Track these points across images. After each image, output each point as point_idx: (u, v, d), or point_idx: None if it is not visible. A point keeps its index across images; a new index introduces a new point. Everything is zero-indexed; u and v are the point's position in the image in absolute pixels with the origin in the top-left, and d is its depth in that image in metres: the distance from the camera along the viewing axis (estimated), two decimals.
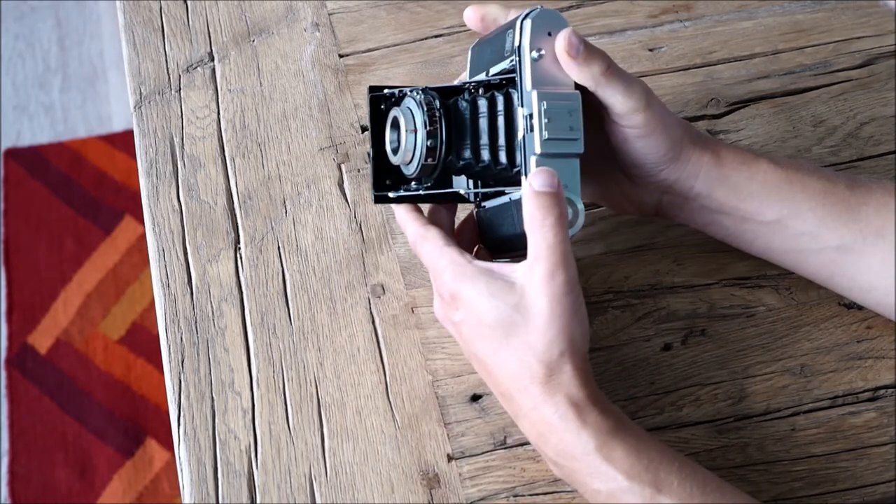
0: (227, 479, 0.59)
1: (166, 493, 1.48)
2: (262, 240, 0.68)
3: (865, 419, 0.60)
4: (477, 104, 0.59)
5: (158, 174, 0.72)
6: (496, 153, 0.58)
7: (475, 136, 0.59)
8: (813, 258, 0.61)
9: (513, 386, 0.54)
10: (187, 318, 0.65)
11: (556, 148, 0.55)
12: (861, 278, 0.60)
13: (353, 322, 0.65)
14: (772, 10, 0.79)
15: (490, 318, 0.53)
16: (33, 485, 1.50)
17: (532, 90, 0.55)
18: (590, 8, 0.80)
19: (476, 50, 0.62)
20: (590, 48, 0.56)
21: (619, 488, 0.51)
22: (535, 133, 0.55)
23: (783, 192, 0.59)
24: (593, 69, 0.56)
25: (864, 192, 0.59)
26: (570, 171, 0.56)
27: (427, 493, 0.58)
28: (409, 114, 0.59)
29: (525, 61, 0.56)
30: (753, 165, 0.60)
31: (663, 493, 0.50)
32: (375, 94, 0.61)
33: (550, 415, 0.52)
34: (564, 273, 0.52)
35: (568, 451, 0.52)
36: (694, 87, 0.75)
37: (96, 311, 1.65)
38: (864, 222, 0.58)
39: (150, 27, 0.80)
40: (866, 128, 0.73)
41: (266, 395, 0.62)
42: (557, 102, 0.55)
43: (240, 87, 0.76)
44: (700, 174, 0.59)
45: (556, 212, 0.53)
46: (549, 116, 0.55)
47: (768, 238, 0.61)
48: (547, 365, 0.52)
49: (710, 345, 0.63)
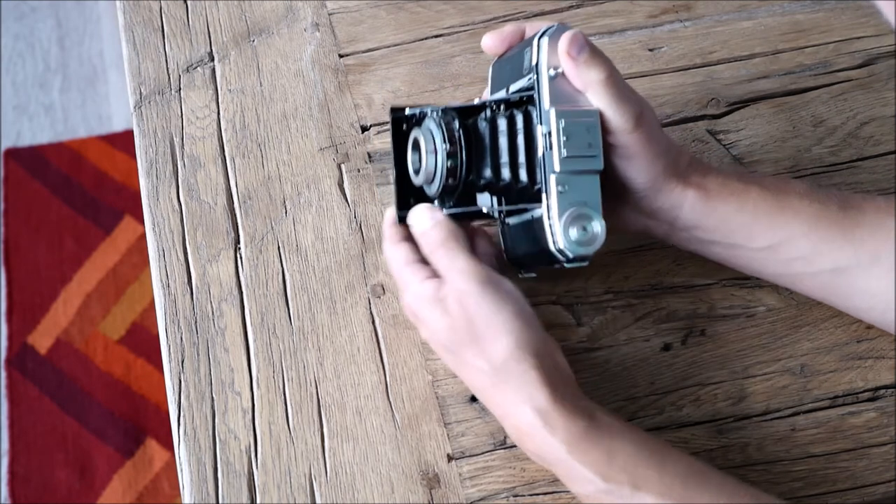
0: (227, 479, 0.59)
1: (166, 493, 1.48)
2: (262, 240, 0.68)
3: (865, 419, 0.60)
4: (496, 123, 0.59)
5: (158, 174, 0.72)
6: (517, 171, 0.58)
7: (495, 155, 0.59)
8: (808, 280, 0.61)
9: (481, 394, 0.56)
10: (187, 318, 0.65)
11: (575, 165, 0.56)
12: (858, 298, 0.60)
13: (353, 322, 0.65)
14: (772, 10, 0.79)
15: (442, 337, 0.56)
16: (33, 485, 1.50)
17: (550, 108, 0.56)
18: (590, 8, 0.80)
19: (496, 67, 0.63)
20: (595, 55, 0.55)
21: (596, 490, 0.51)
22: (554, 151, 0.55)
23: (774, 221, 0.58)
24: (591, 75, 0.55)
25: (856, 213, 0.58)
26: (590, 187, 0.56)
27: (427, 493, 0.58)
28: (430, 134, 0.59)
29: (543, 79, 0.56)
30: (743, 196, 0.59)
31: (642, 490, 0.50)
32: (397, 114, 0.61)
33: (520, 422, 0.53)
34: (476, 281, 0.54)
35: (544, 456, 0.53)
36: (694, 87, 0.75)
37: (96, 311, 1.65)
38: (858, 245, 0.57)
39: (150, 27, 0.80)
40: (866, 128, 0.73)
41: (266, 395, 0.62)
42: (576, 120, 0.56)
43: (240, 87, 0.76)
44: (684, 205, 0.59)
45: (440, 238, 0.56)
46: (567, 134, 0.55)
47: (761, 263, 0.61)
48: (497, 370, 0.53)
49: (710, 345, 0.64)
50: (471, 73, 0.76)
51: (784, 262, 0.60)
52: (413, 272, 0.58)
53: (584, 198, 0.56)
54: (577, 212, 0.56)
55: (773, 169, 0.70)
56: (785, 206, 0.58)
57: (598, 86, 0.55)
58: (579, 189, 0.56)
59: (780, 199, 0.58)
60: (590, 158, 0.56)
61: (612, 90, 0.56)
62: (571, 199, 0.56)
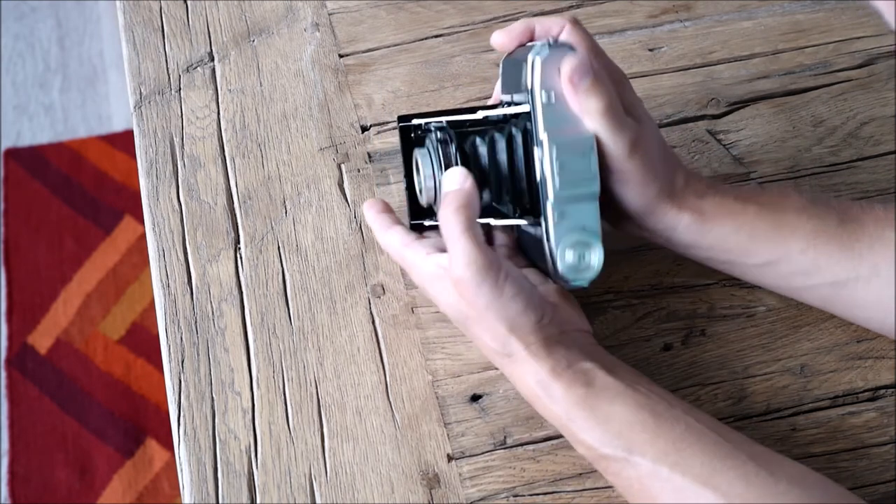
0: (227, 479, 0.59)
1: (166, 493, 1.48)
2: (262, 240, 0.68)
3: (865, 419, 0.60)
4: (495, 145, 0.58)
5: (158, 174, 0.72)
6: (519, 192, 0.58)
7: (496, 175, 0.59)
8: (807, 293, 0.61)
9: (493, 362, 0.59)
10: (187, 318, 0.65)
11: (571, 191, 0.55)
12: (857, 310, 0.60)
13: (353, 322, 0.65)
14: (772, 10, 0.79)
15: (452, 311, 0.58)
16: (33, 485, 1.50)
17: (544, 134, 0.55)
18: (590, 8, 0.80)
19: (506, 64, 0.62)
20: (597, 83, 0.55)
21: (594, 455, 0.54)
22: (548, 180, 0.55)
23: (772, 239, 0.58)
24: (591, 104, 0.55)
25: (855, 226, 0.58)
26: (587, 212, 0.56)
27: (427, 493, 0.58)
28: (427, 160, 0.59)
29: (536, 104, 0.55)
30: (739, 216, 0.58)
31: (636, 455, 0.52)
32: (404, 124, 0.61)
33: (526, 391, 0.57)
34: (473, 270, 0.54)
35: (550, 421, 0.57)
36: (694, 87, 0.75)
37: (96, 311, 1.65)
38: (858, 259, 0.57)
39: (150, 27, 0.80)
40: (866, 128, 0.73)
41: (266, 395, 0.62)
42: (571, 148, 0.55)
43: (240, 87, 0.76)
44: (679, 227, 0.59)
45: (452, 209, 0.55)
46: (561, 163, 0.55)
47: (759, 276, 0.61)
48: (501, 345, 0.56)
49: (710, 345, 0.64)
50: (471, 73, 0.76)
51: (782, 276, 0.60)
52: (414, 251, 0.58)
53: (581, 223, 0.56)
54: (575, 239, 0.56)
55: (773, 169, 0.70)
56: (782, 224, 0.58)
57: (596, 115, 0.55)
58: (577, 215, 0.56)
59: (778, 217, 0.58)
60: (586, 184, 0.55)
61: (610, 119, 0.55)
62: (569, 226, 0.56)
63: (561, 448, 0.59)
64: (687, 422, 0.53)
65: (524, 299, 0.55)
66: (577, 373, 0.55)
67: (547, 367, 0.55)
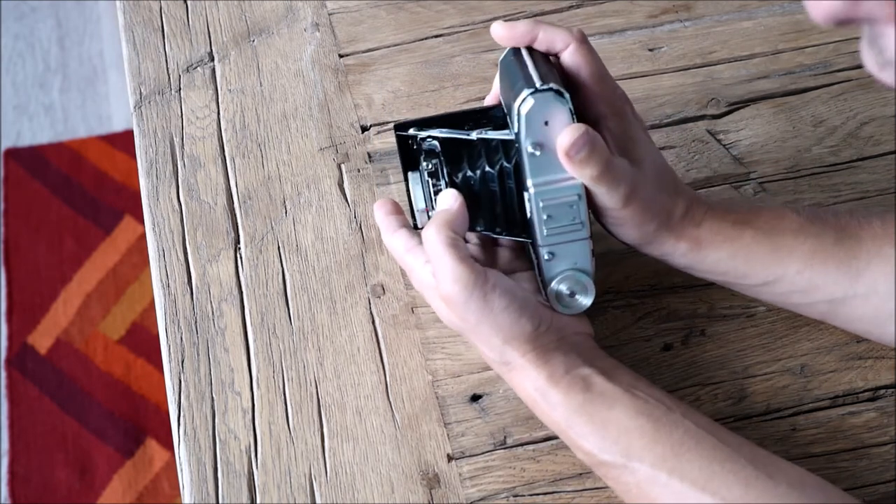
0: (227, 479, 0.59)
1: (166, 493, 1.48)
2: (262, 240, 0.68)
3: (865, 419, 0.60)
4: (486, 180, 0.58)
5: (158, 174, 0.72)
6: (513, 222, 0.58)
7: (490, 207, 0.59)
8: (804, 309, 0.61)
9: (493, 368, 0.59)
10: (187, 318, 0.65)
11: (559, 239, 0.56)
12: (856, 324, 0.60)
13: (353, 322, 0.65)
14: (772, 10, 0.79)
15: (448, 324, 0.58)
16: (33, 485, 1.50)
17: (530, 183, 0.55)
18: (590, 8, 0.80)
19: (503, 65, 0.60)
20: (592, 154, 0.53)
21: (593, 461, 0.54)
22: (536, 226, 0.56)
23: (769, 262, 0.58)
24: (585, 172, 0.54)
25: (853, 243, 0.57)
26: (578, 251, 0.57)
27: (427, 493, 0.58)
28: (418, 190, 0.60)
29: (524, 154, 0.55)
30: (736, 241, 0.58)
31: (634, 461, 0.52)
32: (401, 133, 0.61)
33: (526, 397, 0.57)
34: (459, 286, 0.54)
35: (550, 427, 0.57)
36: (694, 87, 0.75)
37: (96, 311, 1.65)
38: (855, 276, 0.57)
39: (150, 27, 0.80)
40: (866, 128, 0.73)
41: (266, 395, 0.62)
42: (557, 197, 0.55)
43: (240, 87, 0.76)
44: (675, 254, 0.59)
45: (435, 226, 0.55)
46: (548, 213, 0.55)
47: (756, 293, 0.61)
48: (499, 355, 0.56)
49: (710, 345, 0.63)
50: (471, 73, 0.76)
51: (779, 295, 0.60)
52: (414, 257, 0.58)
53: (573, 261, 0.57)
54: (566, 276, 0.57)
55: (773, 169, 0.70)
56: (779, 247, 0.58)
57: (590, 181, 0.55)
58: (567, 255, 0.56)
59: (774, 240, 0.58)
60: (574, 232, 0.56)
61: (604, 182, 0.54)
62: (560, 265, 0.57)
63: (561, 448, 0.59)
64: (685, 426, 0.53)
65: (516, 310, 0.55)
66: (576, 379, 0.55)
67: (545, 375, 0.55)
